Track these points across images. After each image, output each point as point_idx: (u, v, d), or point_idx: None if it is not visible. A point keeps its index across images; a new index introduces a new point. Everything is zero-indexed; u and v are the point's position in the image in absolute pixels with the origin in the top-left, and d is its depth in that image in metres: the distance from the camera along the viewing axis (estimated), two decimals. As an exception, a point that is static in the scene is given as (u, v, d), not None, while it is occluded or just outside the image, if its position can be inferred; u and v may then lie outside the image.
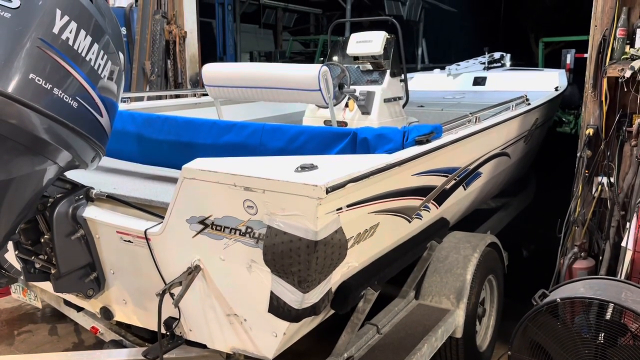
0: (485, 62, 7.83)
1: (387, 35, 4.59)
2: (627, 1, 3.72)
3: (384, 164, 2.19)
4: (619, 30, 3.64)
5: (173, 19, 6.03)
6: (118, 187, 2.73)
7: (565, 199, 4.09)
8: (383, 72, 4.67)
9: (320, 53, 13.58)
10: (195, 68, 6.27)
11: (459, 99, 6.33)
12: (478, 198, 3.99)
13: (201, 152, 2.82)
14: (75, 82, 2.05)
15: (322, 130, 2.77)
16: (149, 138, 3.07)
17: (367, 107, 4.51)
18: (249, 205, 1.88)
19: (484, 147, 3.56)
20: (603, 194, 3.79)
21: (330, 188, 1.78)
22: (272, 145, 2.77)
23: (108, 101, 2.26)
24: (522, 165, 5.01)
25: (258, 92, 3.78)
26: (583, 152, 3.80)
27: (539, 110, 4.65)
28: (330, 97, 3.60)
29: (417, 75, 7.98)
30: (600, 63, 3.71)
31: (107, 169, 3.15)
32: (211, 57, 10.86)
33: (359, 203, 2.08)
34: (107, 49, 2.20)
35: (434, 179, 2.84)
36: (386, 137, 2.62)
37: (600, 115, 3.76)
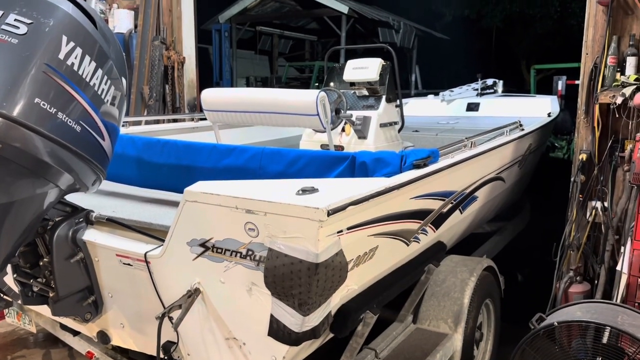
0: (478, 89, 7.97)
1: (383, 62, 4.67)
2: (616, 30, 3.83)
3: (384, 187, 2.22)
4: (610, 58, 3.74)
5: (172, 45, 6.11)
6: (118, 210, 2.74)
7: (560, 223, 4.13)
8: (379, 97, 4.74)
9: (315, 78, 13.75)
10: (193, 93, 6.33)
11: (453, 124, 6.41)
12: (474, 222, 4.02)
13: (201, 175, 2.84)
14: (79, 107, 2.08)
15: (321, 154, 2.80)
16: (149, 162, 3.09)
17: (363, 132, 4.56)
18: (250, 228, 1.90)
19: (480, 171, 3.60)
20: (597, 218, 3.83)
21: (331, 210, 1.80)
22: (271, 169, 2.80)
23: (110, 125, 2.29)
24: (516, 189, 5.06)
25: (256, 116, 3.83)
26: (577, 177, 3.86)
27: (533, 136, 4.71)
28: (328, 121, 3.65)
29: (411, 100, 8.09)
30: (592, 90, 3.80)
31: (107, 192, 3.16)
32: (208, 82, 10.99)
33: (359, 226, 2.10)
34: (110, 74, 2.23)
35: (431, 202, 2.87)
36: (384, 161, 2.65)
37: (593, 141, 3.83)
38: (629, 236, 3.29)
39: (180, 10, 6.15)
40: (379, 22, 14.11)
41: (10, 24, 1.90)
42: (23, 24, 1.93)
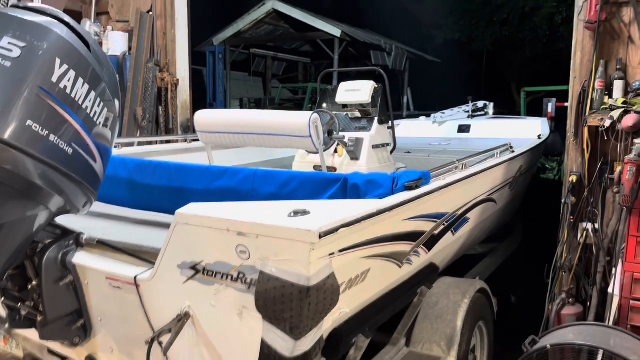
0: (469, 111, 8.06)
1: (375, 85, 4.72)
2: (603, 54, 3.90)
3: (376, 209, 2.22)
4: (598, 81, 3.81)
5: (166, 67, 6.15)
6: (108, 232, 2.72)
7: (552, 244, 4.14)
8: (371, 119, 4.77)
9: (309, 100, 13.85)
10: (187, 114, 6.35)
11: (444, 145, 6.46)
12: (466, 243, 4.02)
13: (193, 197, 2.83)
14: (71, 129, 2.08)
15: (313, 175, 2.81)
16: (141, 183, 3.08)
17: (356, 153, 4.58)
18: (242, 251, 1.89)
19: (471, 193, 3.62)
20: (588, 239, 3.85)
21: (323, 233, 1.80)
22: (264, 191, 2.79)
23: (102, 147, 2.28)
24: (508, 210, 5.08)
25: (250, 138, 3.84)
26: (567, 199, 3.89)
27: (523, 158, 4.75)
28: (321, 143, 3.67)
29: (403, 122, 8.16)
30: (580, 113, 3.85)
31: (98, 214, 3.14)
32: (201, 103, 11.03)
33: (351, 248, 2.10)
34: (103, 97, 2.24)
35: (423, 224, 2.87)
36: (376, 182, 2.66)
37: (583, 163, 3.87)
38: (619, 258, 3.31)
39: (174, 34, 6.21)
40: (371, 45, 14.30)
41: (4, 47, 1.91)
42: (16, 47, 1.94)
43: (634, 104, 3.60)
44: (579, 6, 3.94)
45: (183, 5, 6.33)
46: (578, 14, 3.94)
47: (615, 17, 3.86)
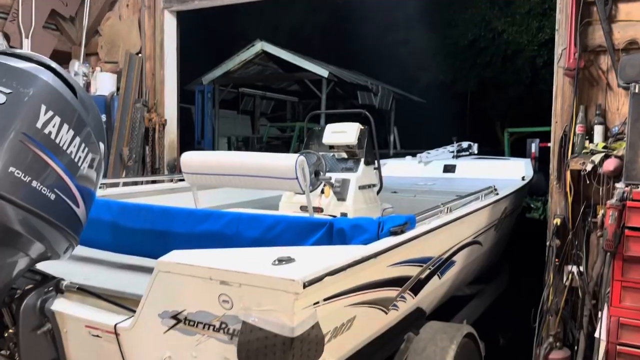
0: (454, 151, 8.17)
1: (361, 127, 4.78)
2: (583, 100, 4.01)
3: (361, 255, 2.21)
4: (578, 126, 3.89)
5: (154, 107, 6.18)
6: (90, 277, 2.66)
7: (538, 285, 4.14)
8: (357, 160, 4.81)
9: (296, 138, 13.95)
10: (174, 154, 6.36)
11: (430, 185, 6.50)
12: (453, 286, 4.00)
13: (177, 241, 2.81)
14: (54, 174, 2.07)
15: (298, 220, 2.80)
16: (124, 227, 3.05)
17: (342, 194, 4.59)
18: (225, 300, 1.86)
19: (457, 236, 3.63)
20: (574, 282, 3.86)
21: (307, 282, 1.78)
22: (248, 235, 2.77)
23: (85, 191, 2.27)
24: (494, 252, 5.09)
25: (236, 179, 3.83)
26: (552, 242, 3.91)
27: (508, 200, 4.80)
28: (307, 185, 3.67)
29: (390, 161, 8.23)
30: (562, 156, 3.92)
31: (79, 257, 3.08)
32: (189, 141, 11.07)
33: (336, 296, 2.08)
34: (87, 141, 2.24)
35: (409, 269, 2.86)
36: (362, 227, 2.66)
37: (566, 206, 3.91)
38: (605, 302, 3.31)
39: (163, 74, 6.27)
40: (357, 86, 14.55)
41: (-11, 94, 1.92)
42: (2, 94, 1.95)
43: (614, 149, 3.67)
44: (558, 53, 4.06)
45: (172, 48, 6.42)
46: (558, 60, 4.06)
47: (594, 65, 3.99)
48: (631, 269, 3.08)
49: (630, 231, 3.05)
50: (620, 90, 3.87)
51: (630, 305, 3.09)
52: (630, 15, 3.80)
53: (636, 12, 3.78)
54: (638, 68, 3.37)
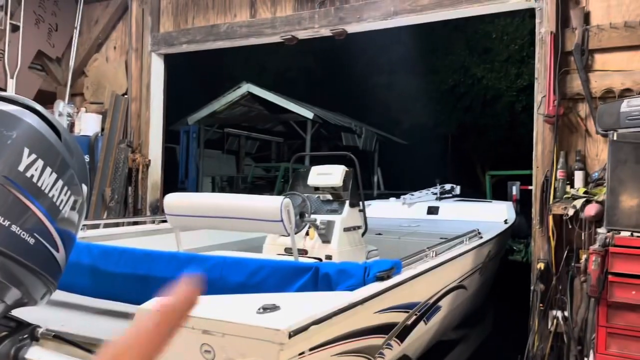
0: (438, 193, 8.25)
1: (346, 169, 4.81)
2: (563, 146, 4.09)
3: (348, 302, 2.18)
4: (559, 171, 3.96)
5: (138, 148, 6.16)
6: (67, 324, 2.57)
7: (523, 329, 4.11)
8: (342, 202, 4.81)
9: (281, 178, 13.96)
10: (157, 194, 6.30)
11: (414, 227, 6.51)
12: (439, 332, 3.96)
13: (159, 285, 2.72)
14: (34, 218, 2.02)
15: (283, 264, 2.76)
16: (105, 271, 2.97)
17: (327, 236, 4.57)
18: (207, 350, 1.80)
19: (443, 280, 3.61)
20: (559, 328, 3.84)
21: (293, 332, 1.74)
22: (232, 280, 2.72)
23: (66, 234, 2.21)
24: (478, 296, 5.07)
25: (219, 221, 3.79)
26: (536, 286, 3.91)
27: (491, 243, 4.82)
28: (292, 227, 3.64)
29: (374, 202, 8.26)
30: (544, 201, 3.97)
31: (58, 302, 2.98)
32: (173, 181, 11.02)
33: (322, 345, 2.03)
34: (70, 183, 2.20)
35: (396, 315, 2.82)
36: (348, 272, 2.63)
37: (549, 250, 3.93)
38: (591, 348, 3.29)
39: (148, 115, 6.28)
40: (342, 127, 14.73)
41: (-28, 138, 1.89)
42: (-16, 137, 1.92)
43: (594, 194, 3.73)
44: (537, 101, 4.17)
45: (159, 90, 6.45)
46: (537, 108, 4.16)
47: (573, 112, 4.10)
48: (616, 314, 3.08)
49: (614, 277, 3.06)
50: (598, 137, 3.97)
51: (616, 352, 3.08)
52: (606, 65, 3.94)
53: (612, 62, 3.92)
54: (615, 116, 3.48)
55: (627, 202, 3.16)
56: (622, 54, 3.90)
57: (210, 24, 5.98)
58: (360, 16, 5.17)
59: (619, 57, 3.90)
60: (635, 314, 3.04)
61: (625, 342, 3.08)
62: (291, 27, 5.49)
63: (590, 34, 3.97)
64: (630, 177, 3.17)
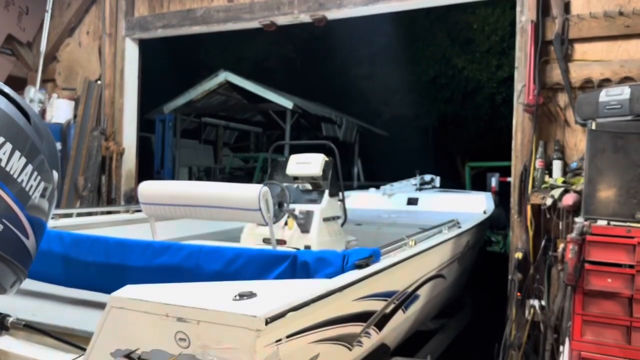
0: (417, 184, 8.26)
1: (326, 158, 4.77)
2: (542, 135, 4.11)
3: (326, 289, 2.15)
4: (538, 161, 3.98)
5: (112, 136, 6.02)
6: (38, 313, 2.50)
7: (500, 319, 4.14)
8: (322, 192, 4.78)
9: (260, 169, 13.86)
10: (131, 183, 6.17)
11: (394, 217, 6.52)
12: (417, 321, 3.96)
13: (133, 275, 2.67)
14: (3, 203, 1.95)
15: (261, 253, 2.72)
16: (77, 259, 2.89)
17: (306, 226, 4.53)
18: (181, 338, 1.75)
19: (421, 269, 3.61)
20: (536, 317, 3.87)
21: (269, 318, 1.70)
22: (209, 268, 2.67)
23: (36, 221, 2.14)
24: (457, 285, 5.09)
25: (196, 210, 3.72)
26: (514, 275, 3.94)
27: (470, 233, 4.84)
28: (271, 216, 3.59)
29: (354, 193, 8.25)
30: (523, 191, 3.99)
31: (28, 292, 2.90)
32: (148, 171, 10.84)
33: (299, 333, 2.00)
34: (41, 169, 2.12)
35: (374, 303, 2.81)
36: (326, 260, 2.60)
37: (527, 240, 3.96)
38: (566, 336, 3.32)
39: (122, 102, 6.14)
40: (322, 118, 14.67)
41: None
42: (-52, 118, 1.83)
43: (572, 184, 3.76)
44: (517, 90, 4.18)
45: (133, 76, 6.31)
46: (517, 97, 4.18)
47: (552, 101, 4.12)
48: (591, 302, 3.12)
49: (590, 265, 3.09)
50: (577, 127, 4.00)
51: (591, 339, 3.12)
52: (586, 55, 3.97)
53: (591, 52, 3.95)
54: (594, 106, 3.50)
55: (605, 191, 3.19)
56: (602, 43, 3.92)
57: (186, 8, 5.85)
58: (340, 2, 5.11)
59: (598, 47, 3.93)
60: (610, 302, 3.08)
61: (600, 330, 3.12)
62: (270, 12, 5.40)
63: (571, 23, 3.98)
64: (608, 167, 3.20)
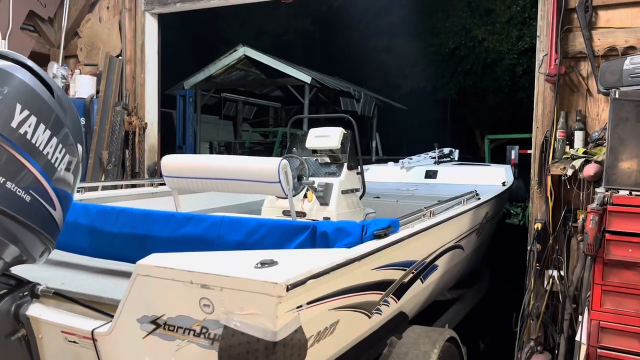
0: (436, 157, 8.23)
1: (344, 131, 4.77)
2: (564, 106, 4.05)
3: (345, 258, 2.19)
4: (559, 132, 3.93)
5: (134, 111, 6.10)
6: (66, 282, 2.60)
7: (518, 291, 4.16)
8: (340, 165, 4.80)
9: (279, 144, 13.91)
10: (154, 158, 6.27)
11: (412, 190, 6.52)
12: (435, 290, 4.00)
13: (157, 245, 2.75)
14: (30, 175, 2.01)
15: (281, 223, 2.77)
16: (103, 230, 2.98)
17: (325, 198, 4.58)
18: (205, 304, 1.81)
19: (439, 240, 3.63)
20: (554, 287, 3.88)
21: (290, 285, 1.75)
22: (230, 238, 2.73)
23: (62, 194, 2.21)
24: (475, 257, 5.11)
25: (218, 183, 3.79)
26: (533, 246, 3.93)
27: (489, 205, 4.83)
28: (290, 189, 3.64)
29: (372, 167, 8.25)
30: (543, 162, 3.95)
31: (56, 262, 3.01)
32: (170, 146, 10.96)
33: (319, 300, 2.05)
34: (65, 142, 2.18)
35: (392, 272, 2.85)
36: (345, 231, 2.63)
37: (547, 211, 3.94)
38: (585, 305, 3.33)
39: (144, 77, 6.19)
40: (340, 92, 14.59)
41: (-37, 92, 1.86)
42: (-24, 92, 1.89)
43: (594, 154, 3.71)
44: (539, 60, 4.11)
45: (153, 51, 6.34)
46: (539, 67, 4.10)
47: (574, 71, 4.04)
48: (611, 272, 3.11)
49: (611, 235, 3.07)
50: (600, 97, 3.93)
51: (610, 308, 3.12)
52: (610, 23, 3.86)
53: (616, 19, 3.84)
54: (618, 74, 3.42)
55: (627, 161, 3.14)
56: (627, 10, 3.81)
57: (205, -18, 5.83)
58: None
59: (623, 13, 3.82)
60: (630, 272, 3.07)
61: (620, 299, 3.11)
62: (288, -17, 5.34)
63: (595, -11, 3.87)
64: (631, 136, 3.15)
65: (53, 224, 2.17)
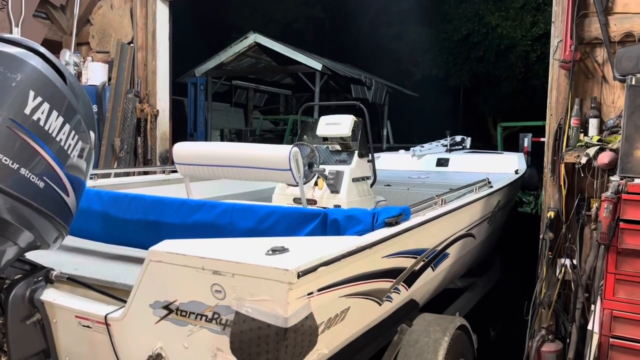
0: (448, 145, 8.18)
1: (355, 119, 4.75)
2: (578, 93, 3.99)
3: (356, 246, 2.19)
4: (573, 119, 3.88)
5: (146, 98, 6.12)
6: (80, 268, 2.63)
7: (530, 279, 4.14)
8: (351, 152, 4.79)
9: (289, 131, 13.90)
10: (166, 145, 6.30)
11: (423, 178, 6.50)
12: (446, 278, 4.00)
13: (169, 231, 2.77)
14: (43, 162, 2.03)
15: (292, 210, 2.77)
16: (115, 217, 3.00)
17: (336, 186, 4.57)
18: (217, 290, 1.83)
19: (451, 228, 3.61)
20: (567, 276, 3.86)
21: (301, 272, 1.76)
22: (242, 225, 2.74)
23: (76, 180, 2.23)
24: (486, 245, 5.09)
25: (229, 170, 3.80)
26: (545, 235, 3.90)
27: (501, 193, 4.79)
28: (301, 176, 3.64)
29: (383, 155, 8.22)
30: (557, 149, 3.91)
31: (70, 248, 3.04)
32: (181, 133, 10.99)
33: (330, 287, 2.05)
34: (78, 129, 2.19)
35: (403, 260, 2.84)
36: (356, 218, 2.63)
37: (560, 199, 3.90)
38: (598, 295, 3.31)
39: (155, 65, 6.20)
40: (351, 79, 14.49)
41: (-24, 79, 1.87)
42: (-11, 79, 1.90)
43: (608, 142, 3.66)
44: (554, 46, 4.04)
45: (165, 38, 6.35)
46: (553, 53, 4.04)
47: (589, 57, 3.97)
48: (625, 261, 3.08)
49: (625, 224, 3.04)
50: (615, 83, 3.86)
51: (623, 297, 3.10)
52: (627, 8, 3.78)
53: (633, 4, 3.76)
54: (634, 60, 3.36)
55: (642, 149, 3.10)
56: (645, -6, 3.73)
57: (215, -32, 5.79)
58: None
59: (641, -2, 3.74)
60: (644, 261, 3.04)
61: (633, 289, 3.09)
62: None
63: (612, -27, 3.79)
64: (647, 124, 3.10)
65: (66, 210, 2.19)
